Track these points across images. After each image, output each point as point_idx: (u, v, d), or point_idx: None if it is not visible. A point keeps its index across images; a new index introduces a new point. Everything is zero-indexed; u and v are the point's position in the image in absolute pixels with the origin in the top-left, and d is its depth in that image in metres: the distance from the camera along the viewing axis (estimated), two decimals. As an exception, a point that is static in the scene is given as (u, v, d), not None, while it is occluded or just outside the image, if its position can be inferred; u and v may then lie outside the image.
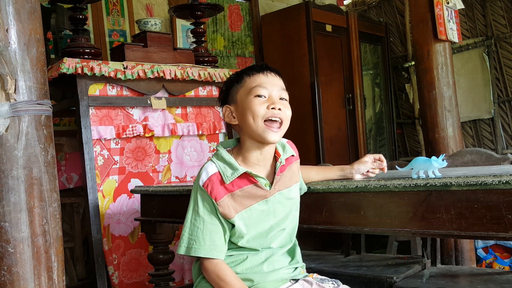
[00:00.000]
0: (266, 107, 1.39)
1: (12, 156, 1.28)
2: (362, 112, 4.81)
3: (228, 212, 1.40)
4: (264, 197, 1.44)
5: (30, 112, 1.30)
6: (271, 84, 1.42)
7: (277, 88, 1.42)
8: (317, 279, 1.50)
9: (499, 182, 1.22)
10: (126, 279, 2.68)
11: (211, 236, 1.40)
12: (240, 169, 1.42)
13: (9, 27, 1.28)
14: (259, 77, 1.43)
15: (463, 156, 2.29)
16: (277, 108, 1.39)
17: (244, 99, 1.42)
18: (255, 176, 1.43)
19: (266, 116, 1.38)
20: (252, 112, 1.39)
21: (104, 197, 2.60)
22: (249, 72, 1.45)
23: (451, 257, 3.04)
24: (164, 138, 2.86)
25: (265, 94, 1.40)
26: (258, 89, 1.40)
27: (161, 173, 2.85)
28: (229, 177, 1.41)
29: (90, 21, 3.66)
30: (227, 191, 1.41)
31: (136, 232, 2.72)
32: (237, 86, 1.45)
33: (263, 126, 1.38)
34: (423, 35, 3.18)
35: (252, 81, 1.42)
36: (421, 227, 1.37)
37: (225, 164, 1.43)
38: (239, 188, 1.42)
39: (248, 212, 1.43)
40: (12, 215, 1.27)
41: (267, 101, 1.40)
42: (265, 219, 1.45)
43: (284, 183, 1.48)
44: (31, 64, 1.31)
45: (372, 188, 1.44)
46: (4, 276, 1.26)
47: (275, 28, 4.57)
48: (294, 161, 1.55)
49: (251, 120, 1.39)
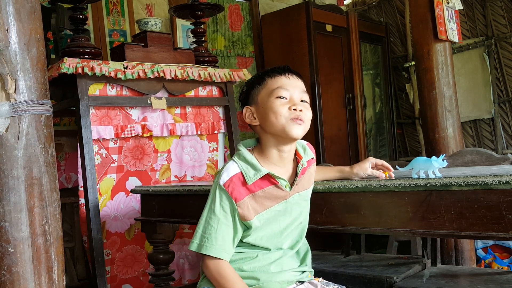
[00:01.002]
0: (288, 108, 1.40)
1: (12, 156, 1.28)
2: (362, 112, 4.81)
3: (247, 213, 1.41)
4: (283, 198, 1.45)
5: (30, 112, 1.30)
6: (293, 86, 1.44)
7: (299, 90, 1.45)
8: (322, 282, 1.51)
9: (499, 182, 1.22)
10: (121, 274, 2.70)
11: (223, 236, 1.41)
12: (263, 170, 1.42)
13: (9, 27, 1.28)
14: (281, 79, 1.45)
15: (463, 156, 2.29)
16: (299, 110, 1.41)
17: (266, 100, 1.43)
18: (277, 177, 1.43)
19: (290, 117, 1.40)
20: (274, 112, 1.41)
21: (100, 195, 2.61)
22: (271, 73, 1.46)
23: (451, 257, 3.04)
24: (163, 138, 2.86)
25: (286, 96, 1.42)
26: (280, 91, 1.42)
27: (158, 172, 2.85)
28: (251, 178, 1.42)
29: (90, 21, 3.66)
30: (248, 192, 1.42)
31: (133, 229, 2.75)
32: (259, 87, 1.46)
33: (289, 122, 1.39)
34: (423, 35, 3.18)
35: (274, 83, 1.44)
36: (421, 227, 1.37)
37: (247, 164, 1.44)
38: (260, 189, 1.43)
39: (268, 213, 1.44)
40: (12, 215, 1.27)
41: (288, 102, 1.41)
42: (282, 219, 1.46)
43: (303, 185, 1.50)
44: (31, 64, 1.31)
45: (372, 188, 1.44)
46: (4, 276, 1.27)
47: (275, 28, 4.57)
48: (312, 163, 1.56)
49: (274, 119, 1.41)
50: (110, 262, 2.67)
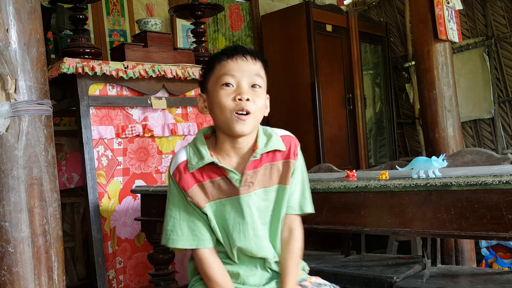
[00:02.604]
0: (233, 98, 1.27)
1: (13, 156, 1.28)
2: (362, 112, 4.81)
3: (198, 201, 1.32)
4: (235, 193, 1.32)
5: (30, 112, 1.30)
6: (241, 70, 1.29)
7: (248, 75, 1.29)
8: (314, 284, 1.42)
9: (499, 182, 1.22)
10: (133, 283, 2.65)
11: (188, 225, 1.33)
12: (207, 158, 1.31)
13: (9, 27, 1.28)
14: (227, 63, 1.30)
15: (463, 156, 2.28)
16: (245, 99, 1.27)
17: (213, 88, 1.31)
18: (227, 169, 1.32)
19: (235, 109, 1.27)
20: (218, 104, 1.28)
21: (109, 198, 2.59)
22: (219, 57, 1.32)
23: (451, 257, 3.04)
24: (166, 139, 2.86)
25: (233, 83, 1.28)
26: (225, 77, 1.28)
27: (164, 174, 2.84)
28: (193, 166, 1.32)
29: (90, 21, 3.66)
30: (195, 181, 1.33)
31: (142, 235, 2.70)
32: (209, 73, 1.34)
33: (232, 117, 1.27)
34: (423, 35, 3.18)
35: (220, 68, 1.30)
36: (421, 227, 1.37)
37: (195, 150, 1.34)
38: (209, 178, 1.33)
39: (218, 205, 1.33)
40: (12, 215, 1.27)
41: (235, 91, 1.28)
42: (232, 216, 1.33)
43: (262, 181, 1.34)
44: (31, 64, 1.32)
45: (372, 188, 1.44)
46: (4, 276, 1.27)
47: (275, 28, 4.57)
48: (282, 158, 1.37)
49: (219, 112, 1.29)
50: (123, 271, 2.63)
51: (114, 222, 2.61)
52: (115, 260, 2.60)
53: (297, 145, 1.40)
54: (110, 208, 2.59)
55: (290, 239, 1.38)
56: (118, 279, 2.60)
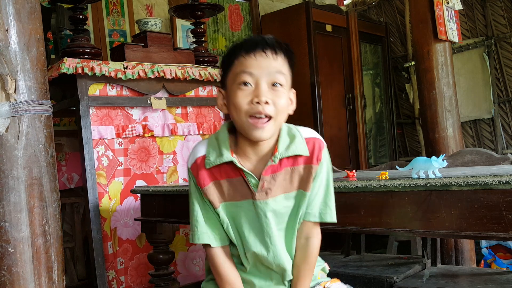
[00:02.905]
0: (250, 100, 1.16)
1: (12, 156, 1.28)
2: (362, 112, 4.81)
3: (213, 200, 1.26)
4: (251, 197, 1.25)
5: (30, 112, 1.30)
6: (260, 67, 1.17)
7: (267, 72, 1.17)
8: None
9: (499, 182, 1.22)
10: (135, 285, 2.64)
11: (204, 221, 1.28)
12: (226, 156, 1.22)
13: (9, 27, 1.28)
14: (245, 59, 1.18)
15: (463, 156, 2.28)
16: (263, 102, 1.15)
17: (231, 86, 1.20)
18: (246, 172, 1.23)
19: (250, 112, 1.16)
20: (234, 104, 1.18)
21: (110, 198, 2.59)
22: (237, 51, 1.20)
23: (451, 257, 3.04)
24: (167, 139, 2.85)
25: (251, 82, 1.17)
26: (242, 76, 1.17)
27: (165, 174, 2.84)
28: (210, 162, 1.24)
29: (90, 21, 3.66)
30: (212, 178, 1.25)
31: (144, 236, 2.69)
32: (228, 68, 1.23)
33: (248, 122, 1.17)
34: (423, 35, 3.18)
35: (238, 64, 1.19)
36: (421, 227, 1.37)
37: (216, 145, 1.25)
38: (227, 177, 1.25)
39: (234, 206, 1.26)
40: (12, 215, 1.27)
41: (253, 92, 1.16)
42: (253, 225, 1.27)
43: (284, 186, 1.26)
44: (31, 64, 1.32)
45: (372, 188, 1.44)
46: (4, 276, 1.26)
47: (275, 28, 4.57)
48: (303, 162, 1.26)
49: (235, 113, 1.19)
50: (124, 272, 2.62)
51: (115, 223, 2.61)
52: (116, 261, 2.59)
53: (322, 148, 1.30)
54: (110, 209, 2.58)
55: (306, 246, 1.31)
56: (119, 280, 2.59)
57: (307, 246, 1.32)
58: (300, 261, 1.32)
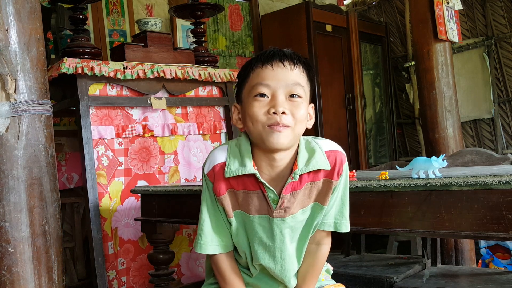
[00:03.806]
0: (267, 111, 1.13)
1: (12, 156, 1.28)
2: (362, 112, 4.81)
3: (227, 210, 1.23)
4: (269, 213, 1.21)
5: (30, 112, 1.30)
6: (277, 79, 1.14)
7: (285, 84, 1.14)
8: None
9: (499, 182, 1.22)
10: (137, 285, 2.63)
11: (213, 229, 1.25)
12: (249, 168, 1.17)
13: (9, 27, 1.28)
14: (262, 71, 1.15)
15: (463, 156, 2.29)
16: (280, 113, 1.12)
17: (247, 99, 1.17)
18: (266, 186, 1.19)
19: (267, 123, 1.13)
20: (250, 116, 1.15)
21: (111, 199, 2.58)
22: (254, 64, 1.18)
23: (451, 257, 3.04)
24: (168, 139, 2.85)
25: (267, 93, 1.14)
26: (259, 87, 1.14)
27: (167, 175, 2.84)
28: (231, 172, 1.19)
29: (90, 21, 3.66)
30: (229, 186, 1.21)
31: None
32: (244, 82, 1.20)
33: (265, 129, 1.13)
34: (423, 35, 3.18)
35: (254, 77, 1.16)
36: (421, 227, 1.37)
37: (237, 154, 1.20)
38: (244, 189, 1.21)
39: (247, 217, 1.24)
40: (12, 215, 1.27)
41: (269, 102, 1.14)
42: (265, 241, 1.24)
43: (302, 202, 1.22)
44: (31, 64, 1.32)
45: (372, 188, 1.44)
46: (4, 276, 1.27)
47: (275, 28, 4.57)
48: (323, 176, 1.22)
49: (251, 125, 1.16)
50: (126, 272, 2.61)
51: (116, 223, 2.61)
52: (117, 261, 2.59)
53: (344, 161, 1.24)
54: (111, 209, 2.58)
55: (316, 252, 1.32)
56: (120, 280, 2.59)
57: (317, 252, 1.33)
58: (308, 266, 1.33)
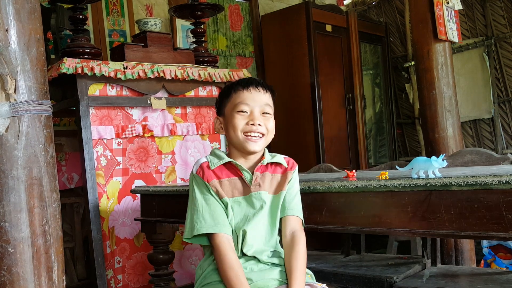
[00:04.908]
0: (246, 123, 1.51)
1: (12, 156, 1.28)
2: (362, 112, 4.81)
3: (220, 191, 1.51)
4: (247, 192, 1.52)
5: (30, 112, 1.30)
6: (254, 100, 1.53)
7: (259, 104, 1.53)
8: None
9: (499, 182, 1.22)
10: (132, 283, 2.65)
11: (210, 213, 1.49)
12: (225, 158, 1.55)
13: (9, 27, 1.28)
14: (243, 93, 1.54)
15: (463, 156, 2.29)
16: (257, 124, 1.51)
17: (230, 113, 1.55)
18: (241, 168, 1.53)
19: (245, 130, 1.51)
20: (233, 126, 1.53)
21: (108, 198, 2.59)
22: (236, 87, 1.56)
23: (451, 257, 3.04)
24: (166, 139, 2.85)
25: (247, 110, 1.52)
26: (240, 106, 1.52)
27: (164, 174, 2.84)
28: (214, 164, 1.54)
29: (90, 21, 3.66)
30: (215, 177, 1.53)
31: (142, 235, 2.69)
32: (226, 100, 1.58)
33: (244, 136, 1.51)
34: (423, 35, 3.18)
35: (236, 97, 1.55)
36: (421, 227, 1.37)
37: (215, 156, 1.58)
38: (227, 177, 1.54)
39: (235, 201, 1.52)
40: (12, 215, 1.27)
41: (248, 116, 1.52)
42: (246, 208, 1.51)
43: (267, 185, 1.54)
44: (31, 64, 1.32)
45: (372, 188, 1.44)
46: (4, 276, 1.26)
47: (275, 28, 4.57)
48: (281, 172, 1.58)
49: (233, 132, 1.53)
50: (121, 271, 2.63)
51: (113, 222, 2.61)
52: (114, 260, 2.60)
53: (296, 165, 1.62)
54: (108, 208, 2.59)
55: (294, 242, 1.51)
56: (117, 278, 2.60)
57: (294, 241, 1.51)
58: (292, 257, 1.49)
